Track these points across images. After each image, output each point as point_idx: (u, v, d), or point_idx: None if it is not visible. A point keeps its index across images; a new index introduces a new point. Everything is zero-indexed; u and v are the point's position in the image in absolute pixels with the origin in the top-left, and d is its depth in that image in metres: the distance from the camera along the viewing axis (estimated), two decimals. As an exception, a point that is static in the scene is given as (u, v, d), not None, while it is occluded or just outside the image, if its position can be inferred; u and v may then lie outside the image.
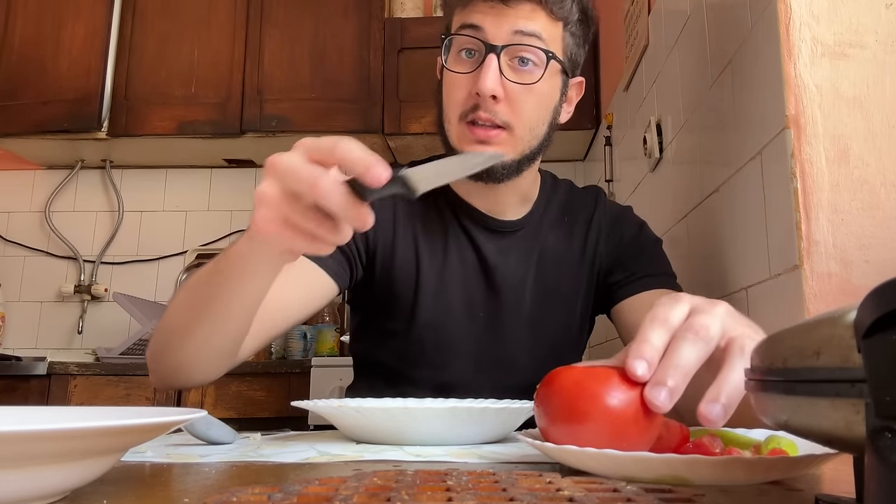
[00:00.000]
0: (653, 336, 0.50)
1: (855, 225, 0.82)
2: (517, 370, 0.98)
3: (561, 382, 0.50)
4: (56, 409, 0.52)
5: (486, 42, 0.87)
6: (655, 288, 0.97)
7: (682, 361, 0.48)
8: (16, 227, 2.81)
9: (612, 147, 2.08)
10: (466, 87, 0.89)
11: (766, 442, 0.51)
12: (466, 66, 0.89)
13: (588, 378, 0.49)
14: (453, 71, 0.90)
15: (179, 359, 0.77)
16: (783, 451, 0.48)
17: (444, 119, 0.93)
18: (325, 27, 2.55)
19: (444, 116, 0.93)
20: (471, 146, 0.89)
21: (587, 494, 0.30)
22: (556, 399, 0.49)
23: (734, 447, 0.51)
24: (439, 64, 0.98)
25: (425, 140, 2.47)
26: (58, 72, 2.52)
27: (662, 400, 0.46)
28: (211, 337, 0.73)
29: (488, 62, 0.86)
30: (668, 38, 1.43)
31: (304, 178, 0.50)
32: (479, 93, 0.86)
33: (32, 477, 0.34)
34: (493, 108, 0.87)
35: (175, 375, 0.80)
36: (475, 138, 0.88)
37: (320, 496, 0.30)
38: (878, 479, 0.26)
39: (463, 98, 0.89)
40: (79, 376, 2.10)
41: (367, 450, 0.64)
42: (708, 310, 0.52)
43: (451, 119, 0.91)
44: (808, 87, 0.85)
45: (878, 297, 0.26)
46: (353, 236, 0.97)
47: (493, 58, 0.86)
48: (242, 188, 2.82)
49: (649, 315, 0.52)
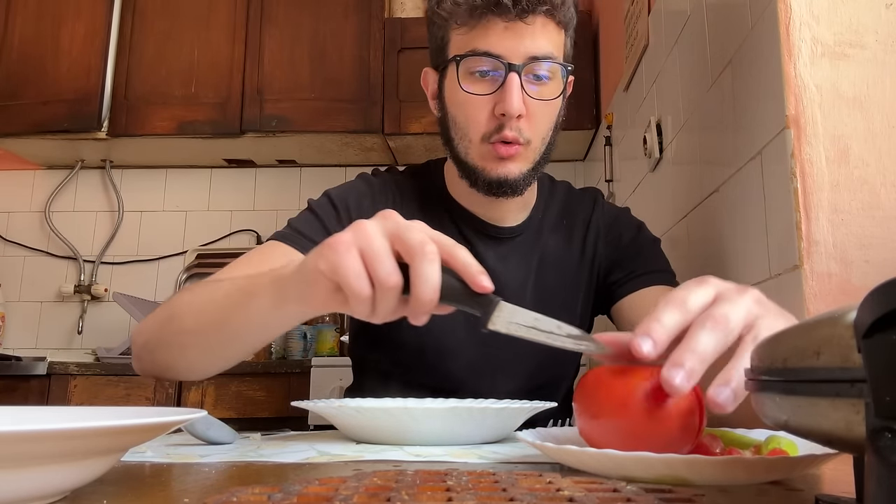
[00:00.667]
0: (665, 316, 0.48)
1: (855, 225, 0.82)
2: (516, 375, 0.98)
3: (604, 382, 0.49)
4: (56, 409, 0.52)
5: (506, 62, 0.86)
6: (654, 285, 0.97)
7: (699, 347, 0.46)
8: (16, 227, 2.81)
9: (612, 147, 2.08)
10: (487, 107, 0.88)
11: (766, 442, 0.51)
12: (484, 86, 0.88)
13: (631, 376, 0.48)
14: (472, 93, 0.88)
15: (182, 358, 0.78)
16: (783, 451, 0.48)
17: (461, 138, 0.92)
18: (325, 27, 2.55)
19: (459, 135, 0.92)
20: (494, 164, 0.89)
21: (587, 494, 0.30)
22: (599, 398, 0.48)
23: (734, 447, 0.51)
24: (432, 79, 0.97)
25: (425, 140, 2.47)
26: (58, 71, 2.52)
27: (679, 382, 0.44)
28: (224, 350, 0.75)
29: (511, 83, 0.85)
30: (668, 38, 1.43)
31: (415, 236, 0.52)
32: (507, 114, 0.86)
33: (32, 477, 0.34)
34: (517, 126, 0.87)
35: (168, 369, 0.80)
36: (499, 156, 0.88)
37: (320, 496, 0.30)
38: (878, 479, 0.26)
39: (485, 119, 0.88)
40: (79, 376, 2.10)
41: (367, 450, 0.64)
42: (733, 298, 0.49)
43: (473, 139, 0.90)
44: (808, 87, 0.85)
45: (878, 297, 0.26)
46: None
47: (515, 77, 0.85)
48: (242, 188, 2.82)
49: (668, 295, 0.50)
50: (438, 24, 0.93)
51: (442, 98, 0.95)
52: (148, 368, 0.82)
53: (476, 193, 0.95)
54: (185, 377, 0.81)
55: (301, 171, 2.83)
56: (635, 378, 0.47)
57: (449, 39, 0.91)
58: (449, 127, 0.94)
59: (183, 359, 0.78)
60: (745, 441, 0.53)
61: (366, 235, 0.53)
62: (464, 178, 0.94)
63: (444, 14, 0.90)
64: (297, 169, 2.83)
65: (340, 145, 2.60)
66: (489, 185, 0.90)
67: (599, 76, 2.41)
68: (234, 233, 2.78)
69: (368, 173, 1.05)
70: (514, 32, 0.86)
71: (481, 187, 0.92)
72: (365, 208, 0.97)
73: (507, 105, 0.85)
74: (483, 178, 0.90)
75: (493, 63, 0.87)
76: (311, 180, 2.80)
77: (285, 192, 2.80)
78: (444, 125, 0.95)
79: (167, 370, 0.80)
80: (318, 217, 0.95)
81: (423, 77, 1.00)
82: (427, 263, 0.51)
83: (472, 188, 0.93)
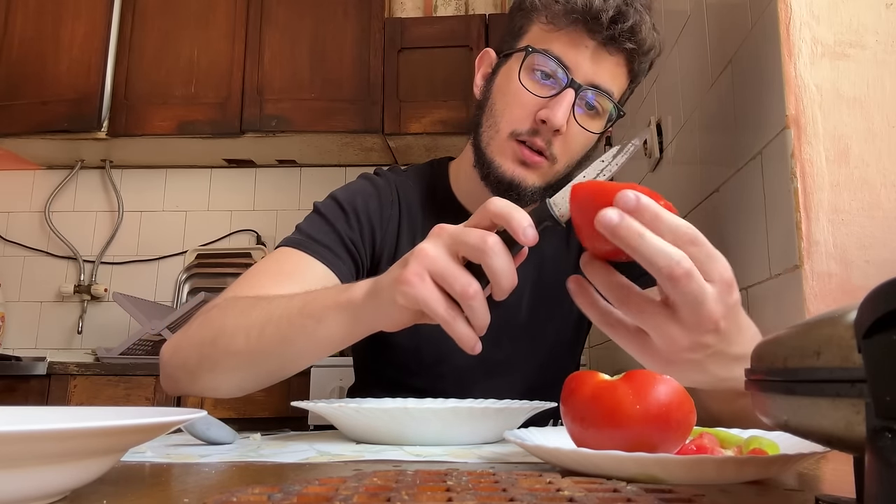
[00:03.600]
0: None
1: (855, 225, 0.82)
2: (514, 377, 0.98)
3: (582, 389, 0.49)
4: (56, 409, 0.52)
5: (570, 76, 0.85)
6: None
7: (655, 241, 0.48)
8: (16, 227, 2.81)
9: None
10: (531, 108, 0.86)
11: (746, 442, 0.51)
12: (540, 88, 0.86)
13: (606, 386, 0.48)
14: (527, 89, 0.87)
15: (230, 379, 0.77)
16: (763, 451, 0.48)
17: (490, 125, 0.90)
18: (325, 27, 2.55)
19: (489, 122, 0.90)
20: (510, 162, 0.88)
21: (587, 494, 0.30)
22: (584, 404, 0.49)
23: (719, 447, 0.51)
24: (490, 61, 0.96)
25: (425, 140, 2.47)
26: (58, 71, 2.52)
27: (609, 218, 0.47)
28: (281, 371, 0.76)
29: (566, 96, 0.84)
30: (668, 38, 1.43)
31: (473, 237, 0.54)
32: (548, 121, 0.84)
33: (32, 477, 0.34)
34: (550, 139, 0.86)
35: (211, 390, 0.79)
36: (519, 157, 0.87)
37: (320, 496, 0.30)
38: (878, 479, 0.26)
39: (524, 117, 0.87)
40: (79, 376, 2.10)
41: (367, 450, 0.64)
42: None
43: (502, 130, 0.88)
44: (808, 87, 0.85)
45: (878, 297, 0.26)
46: (360, 242, 0.96)
47: (571, 93, 0.85)
48: (242, 188, 2.82)
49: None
50: (525, 12, 0.91)
51: (491, 82, 0.93)
52: (185, 388, 0.80)
53: (480, 194, 0.94)
54: (227, 395, 0.81)
55: (301, 171, 2.83)
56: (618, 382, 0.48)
57: (528, 30, 0.90)
58: (484, 112, 0.92)
59: (231, 379, 0.77)
60: (733, 440, 0.53)
61: (430, 259, 0.55)
62: (477, 167, 0.92)
63: (537, 3, 0.88)
64: (297, 169, 2.83)
65: (340, 145, 2.60)
66: (499, 182, 0.89)
67: (599, 76, 2.40)
68: (233, 233, 2.78)
69: (371, 173, 1.05)
70: (591, 54, 0.85)
71: (491, 182, 0.90)
72: (373, 209, 0.97)
73: (553, 114, 0.84)
74: (496, 173, 0.89)
75: (559, 70, 0.85)
76: (311, 180, 2.80)
77: (285, 192, 2.80)
78: (479, 109, 0.94)
79: (209, 391, 0.79)
80: (327, 220, 0.94)
81: (482, 56, 0.98)
82: (496, 257, 0.53)
83: (483, 181, 0.92)
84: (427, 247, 0.55)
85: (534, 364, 0.99)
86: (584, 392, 0.49)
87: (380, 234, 0.97)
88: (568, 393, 0.50)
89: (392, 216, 0.98)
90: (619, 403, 0.46)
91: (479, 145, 0.92)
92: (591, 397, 0.48)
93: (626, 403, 0.46)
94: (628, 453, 0.42)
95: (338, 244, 0.92)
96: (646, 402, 0.46)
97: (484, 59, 0.98)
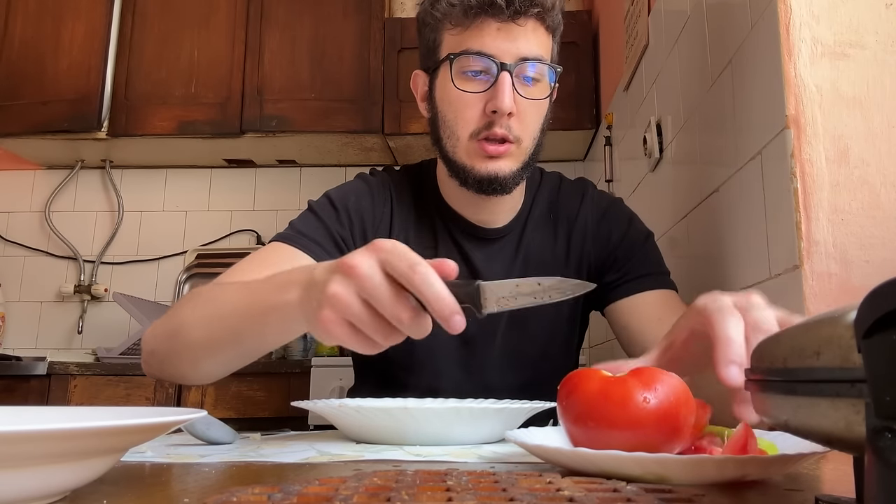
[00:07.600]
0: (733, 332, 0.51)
1: (855, 225, 0.82)
2: (507, 373, 0.98)
3: (583, 388, 0.49)
4: (56, 409, 0.52)
5: (498, 62, 0.88)
6: (651, 289, 0.97)
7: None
8: (16, 227, 2.81)
9: (612, 147, 2.08)
10: (477, 105, 0.90)
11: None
12: (476, 85, 0.90)
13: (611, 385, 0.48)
14: (464, 90, 0.90)
15: (193, 369, 0.79)
16: (762, 451, 0.48)
17: (448, 136, 0.93)
18: (325, 27, 2.55)
19: (447, 133, 0.94)
20: (480, 161, 0.91)
21: (587, 494, 0.30)
22: (581, 403, 0.49)
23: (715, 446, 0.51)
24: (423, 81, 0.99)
25: (425, 140, 2.46)
26: (58, 71, 2.52)
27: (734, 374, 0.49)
28: (235, 360, 0.76)
29: (503, 81, 0.87)
30: (668, 38, 1.43)
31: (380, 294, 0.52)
32: (498, 110, 0.88)
33: (32, 477, 0.34)
34: (506, 124, 0.89)
35: (179, 377, 0.82)
36: (487, 154, 0.90)
37: (320, 496, 0.30)
38: (878, 479, 0.26)
39: (476, 116, 0.90)
40: (79, 376, 2.10)
41: (367, 450, 0.64)
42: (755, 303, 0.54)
43: (461, 136, 0.91)
44: (808, 87, 0.85)
45: (878, 297, 0.26)
46: (350, 238, 0.98)
47: (507, 76, 0.88)
48: (242, 188, 2.82)
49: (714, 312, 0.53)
50: (431, 26, 0.94)
51: (432, 98, 0.96)
52: (157, 374, 0.84)
53: (466, 194, 0.96)
54: (196, 383, 0.83)
55: (301, 171, 2.83)
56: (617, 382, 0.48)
57: (441, 41, 0.93)
58: (438, 126, 0.95)
59: (194, 370, 0.79)
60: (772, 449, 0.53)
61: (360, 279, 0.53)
62: (453, 177, 0.95)
63: (438, 15, 0.92)
64: (297, 169, 2.83)
65: (340, 145, 2.60)
66: (479, 183, 0.92)
67: (599, 76, 2.41)
68: (233, 233, 2.78)
69: (367, 173, 1.06)
70: (506, 34, 0.88)
71: (472, 185, 0.93)
72: (366, 207, 0.99)
73: (499, 102, 0.87)
74: (473, 175, 0.92)
75: (485, 63, 0.89)
76: (311, 180, 2.80)
77: (285, 192, 2.80)
78: (433, 125, 0.97)
79: (177, 378, 0.82)
80: (319, 218, 0.97)
81: (413, 80, 1.02)
82: (427, 287, 0.52)
83: (463, 187, 0.94)
84: (360, 263, 0.53)
85: (524, 362, 0.99)
86: (589, 389, 0.48)
87: (371, 231, 0.99)
88: (568, 392, 0.50)
89: (384, 214, 1.01)
90: (629, 398, 0.46)
91: (447, 156, 0.95)
92: (597, 393, 0.48)
93: (636, 399, 0.46)
94: (628, 453, 0.42)
95: (326, 239, 0.95)
96: (658, 397, 0.46)
97: (416, 81, 1.01)
